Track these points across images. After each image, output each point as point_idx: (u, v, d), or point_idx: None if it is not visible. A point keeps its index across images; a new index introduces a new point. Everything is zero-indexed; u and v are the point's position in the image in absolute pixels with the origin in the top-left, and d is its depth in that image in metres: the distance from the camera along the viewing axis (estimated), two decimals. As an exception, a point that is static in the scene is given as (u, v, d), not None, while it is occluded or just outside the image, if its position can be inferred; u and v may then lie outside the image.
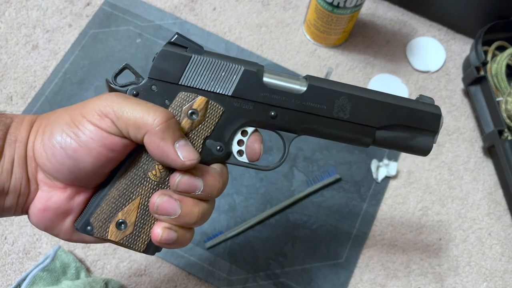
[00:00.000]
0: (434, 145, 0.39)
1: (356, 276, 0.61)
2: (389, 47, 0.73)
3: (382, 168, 0.65)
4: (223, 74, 0.36)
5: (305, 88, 0.37)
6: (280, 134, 0.38)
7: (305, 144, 0.66)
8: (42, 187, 0.34)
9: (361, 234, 0.63)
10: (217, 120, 0.36)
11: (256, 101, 0.36)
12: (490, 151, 0.68)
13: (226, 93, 0.36)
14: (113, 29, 0.71)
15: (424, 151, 0.40)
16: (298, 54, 0.71)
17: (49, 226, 0.35)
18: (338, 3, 0.63)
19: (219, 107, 0.36)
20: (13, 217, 0.61)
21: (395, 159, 0.66)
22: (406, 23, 0.75)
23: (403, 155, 0.67)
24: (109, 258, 0.60)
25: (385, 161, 0.66)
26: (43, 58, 0.69)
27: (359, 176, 0.65)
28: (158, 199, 0.33)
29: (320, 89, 0.37)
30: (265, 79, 0.37)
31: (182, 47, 0.36)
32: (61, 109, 0.34)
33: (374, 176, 0.65)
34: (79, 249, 0.60)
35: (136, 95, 0.35)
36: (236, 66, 0.36)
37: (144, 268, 0.60)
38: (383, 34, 0.74)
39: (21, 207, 0.34)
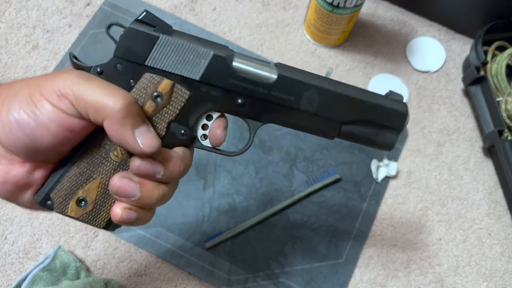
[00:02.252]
0: (398, 140, 0.40)
1: (356, 276, 0.61)
2: (389, 47, 0.73)
3: (382, 168, 0.65)
4: (191, 57, 0.35)
5: (275, 77, 0.36)
6: (247, 121, 0.38)
7: (305, 144, 0.66)
8: (1, 161, 0.34)
9: (361, 234, 0.63)
10: (182, 104, 0.35)
11: (224, 87, 0.35)
12: (490, 151, 0.68)
13: (193, 77, 0.35)
14: (113, 29, 0.71)
15: (387, 147, 0.40)
16: (298, 54, 0.71)
17: (10, 198, 0.35)
18: (338, 3, 0.63)
19: (185, 91, 0.35)
20: (14, 217, 0.61)
21: (395, 159, 0.66)
22: (406, 23, 0.75)
23: (403, 155, 0.67)
24: (109, 258, 0.60)
25: (385, 161, 0.66)
26: (43, 58, 0.69)
27: (359, 176, 0.65)
28: (118, 182, 0.33)
29: (290, 80, 0.36)
30: (234, 63, 0.35)
31: (151, 26, 0.34)
32: (22, 81, 0.33)
33: (374, 176, 0.65)
34: (79, 249, 0.60)
35: (100, 73, 0.34)
36: (206, 50, 0.35)
37: (144, 268, 0.60)
38: (383, 34, 0.74)
39: None
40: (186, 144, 0.36)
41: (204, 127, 0.37)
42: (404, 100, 0.70)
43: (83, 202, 0.35)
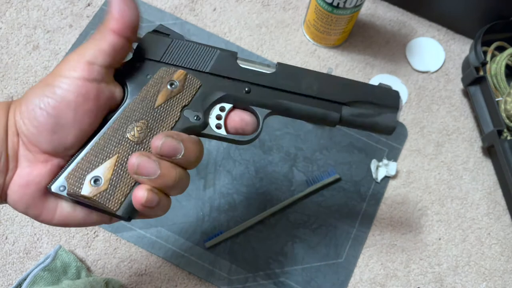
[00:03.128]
0: (398, 121, 0.43)
1: (356, 276, 0.61)
2: (388, 47, 0.73)
3: (381, 168, 0.65)
4: (201, 55, 0.40)
5: (274, 70, 0.41)
6: (254, 110, 0.41)
7: (305, 144, 0.66)
8: (22, 164, 0.34)
9: (361, 233, 0.63)
10: (194, 92, 0.39)
11: (231, 77, 0.40)
12: (489, 151, 0.68)
13: (203, 70, 0.40)
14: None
15: (388, 129, 0.43)
16: (298, 54, 0.72)
17: (30, 204, 0.34)
18: (338, 3, 0.63)
19: (197, 80, 0.40)
20: (14, 216, 0.61)
21: (395, 159, 0.66)
22: (406, 24, 0.75)
23: (403, 155, 0.67)
24: (110, 257, 0.60)
25: (385, 161, 0.66)
26: (43, 59, 0.69)
27: (359, 176, 0.65)
28: (137, 159, 0.33)
29: (289, 68, 0.42)
30: (239, 61, 0.41)
31: (165, 34, 0.40)
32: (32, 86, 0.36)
33: (374, 176, 0.65)
34: (79, 248, 0.60)
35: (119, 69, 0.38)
36: (213, 49, 0.41)
37: (144, 267, 0.60)
38: (382, 35, 0.74)
39: (1, 188, 0.33)
40: (198, 129, 0.39)
41: (218, 117, 0.41)
42: (404, 101, 0.70)
43: (98, 181, 0.35)
